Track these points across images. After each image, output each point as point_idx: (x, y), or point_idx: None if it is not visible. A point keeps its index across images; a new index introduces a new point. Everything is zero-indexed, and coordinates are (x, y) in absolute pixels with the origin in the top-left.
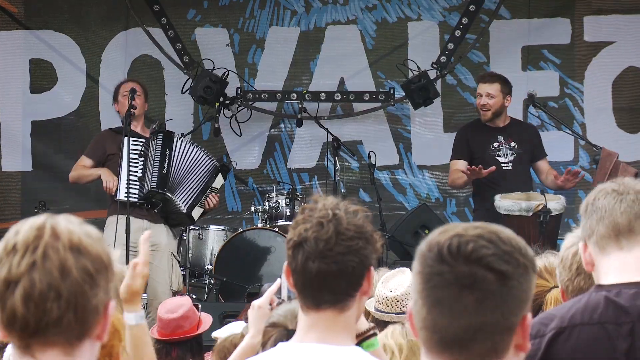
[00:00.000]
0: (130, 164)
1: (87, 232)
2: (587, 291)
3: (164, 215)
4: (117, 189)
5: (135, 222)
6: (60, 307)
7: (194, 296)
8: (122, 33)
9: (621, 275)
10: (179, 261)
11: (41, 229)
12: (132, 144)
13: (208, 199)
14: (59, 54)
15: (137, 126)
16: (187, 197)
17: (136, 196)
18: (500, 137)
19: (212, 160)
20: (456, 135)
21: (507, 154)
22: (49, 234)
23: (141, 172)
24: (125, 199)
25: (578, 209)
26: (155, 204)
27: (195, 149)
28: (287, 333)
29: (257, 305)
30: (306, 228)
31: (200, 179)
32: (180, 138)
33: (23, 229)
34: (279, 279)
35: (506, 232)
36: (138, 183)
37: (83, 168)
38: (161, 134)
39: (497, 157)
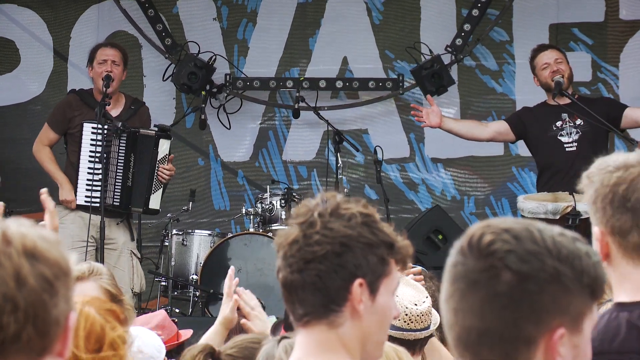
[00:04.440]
0: (90, 157)
1: (42, 235)
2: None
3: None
4: (76, 192)
5: (91, 219)
6: (18, 320)
7: (177, 310)
8: (94, 7)
9: None
10: (140, 259)
11: None
12: (92, 131)
13: (159, 177)
14: (22, 31)
15: (111, 98)
16: (142, 196)
17: (97, 201)
18: (564, 115)
19: (148, 132)
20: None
21: (571, 133)
22: None
23: (103, 174)
24: (85, 203)
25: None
26: (119, 214)
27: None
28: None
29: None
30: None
31: (146, 163)
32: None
33: None
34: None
35: (554, 232)
36: (100, 185)
37: (49, 159)
38: (125, 135)
39: (559, 138)
